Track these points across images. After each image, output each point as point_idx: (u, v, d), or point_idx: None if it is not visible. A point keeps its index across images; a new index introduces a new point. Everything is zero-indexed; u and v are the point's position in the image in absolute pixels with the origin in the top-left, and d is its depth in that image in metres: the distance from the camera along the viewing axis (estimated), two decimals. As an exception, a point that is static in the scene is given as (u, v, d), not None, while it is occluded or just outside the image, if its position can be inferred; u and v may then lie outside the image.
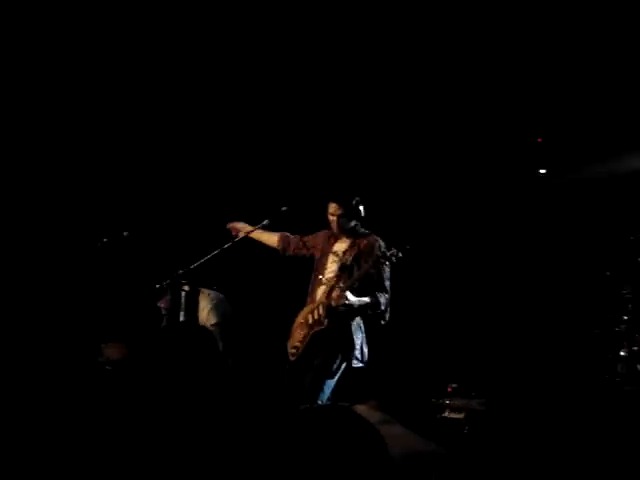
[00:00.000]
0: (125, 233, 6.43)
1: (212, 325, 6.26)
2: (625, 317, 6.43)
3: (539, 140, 8.25)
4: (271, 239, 6.27)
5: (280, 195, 6.54)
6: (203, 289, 6.52)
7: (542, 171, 8.44)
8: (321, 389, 5.60)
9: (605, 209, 7.73)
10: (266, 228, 6.20)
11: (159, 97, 7.63)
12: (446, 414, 6.89)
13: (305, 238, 6.20)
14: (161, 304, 6.42)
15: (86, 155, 7.69)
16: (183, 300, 6.24)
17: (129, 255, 6.81)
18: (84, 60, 7.25)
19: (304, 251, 6.18)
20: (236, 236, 6.22)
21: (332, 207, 5.87)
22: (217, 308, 6.49)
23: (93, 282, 7.21)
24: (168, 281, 6.13)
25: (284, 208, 6.10)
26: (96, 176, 7.73)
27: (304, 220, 6.39)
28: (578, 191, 7.98)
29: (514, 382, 7.41)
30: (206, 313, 6.44)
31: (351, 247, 5.86)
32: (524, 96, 7.69)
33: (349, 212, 5.84)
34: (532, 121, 7.97)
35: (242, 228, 6.26)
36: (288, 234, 6.26)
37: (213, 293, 6.58)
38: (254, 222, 6.21)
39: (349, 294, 5.61)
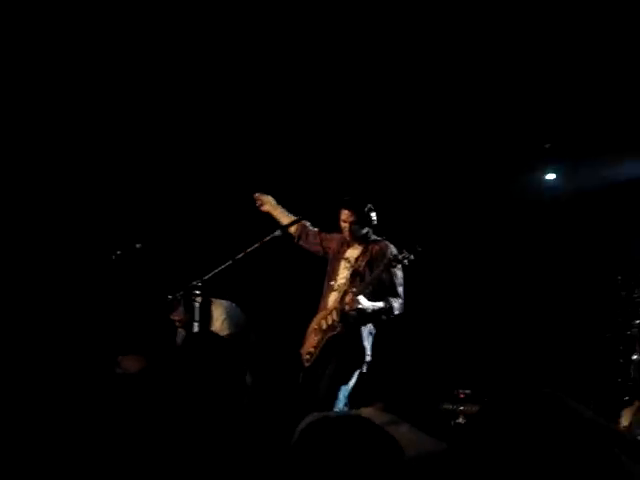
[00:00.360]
0: (138, 245, 6.48)
1: (226, 335, 6.30)
2: (637, 321, 6.43)
3: (547, 146, 8.30)
4: (289, 222, 6.23)
5: (294, 202, 6.58)
6: (216, 299, 6.56)
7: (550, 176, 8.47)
8: (336, 396, 5.62)
9: (617, 212, 7.75)
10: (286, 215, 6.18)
11: (171, 108, 7.67)
12: (460, 420, 6.91)
13: (323, 235, 6.22)
14: (175, 316, 6.46)
15: (99, 166, 7.75)
16: (197, 311, 6.28)
17: (142, 267, 6.86)
18: (101, 64, 7.28)
19: (318, 248, 6.19)
20: (260, 206, 6.22)
21: (344, 214, 5.92)
22: (231, 318, 6.53)
23: (108, 294, 7.26)
24: (181, 292, 6.17)
25: (298, 218, 6.15)
26: (109, 188, 7.78)
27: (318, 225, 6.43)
28: (590, 194, 8.00)
29: (526, 386, 7.42)
30: (220, 323, 6.48)
31: (363, 254, 5.90)
32: (534, 99, 7.72)
33: (361, 219, 5.88)
34: (541, 124, 8.00)
35: (266, 202, 6.26)
36: (308, 224, 6.27)
37: (226, 303, 6.62)
38: (267, 233, 6.22)
39: (362, 298, 5.63)
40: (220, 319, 6.50)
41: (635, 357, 6.29)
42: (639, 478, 2.14)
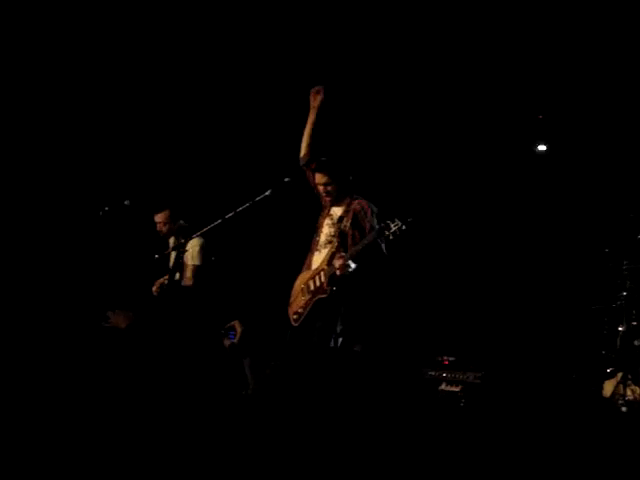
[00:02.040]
0: (126, 202, 6.43)
1: (193, 265, 6.38)
2: (624, 293, 6.45)
3: (540, 117, 8.28)
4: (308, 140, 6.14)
5: (283, 166, 6.54)
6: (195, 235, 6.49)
7: (542, 148, 8.46)
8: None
9: (605, 186, 7.76)
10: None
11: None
12: (443, 387, 6.94)
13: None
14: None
15: (87, 125, 7.69)
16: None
17: (130, 224, 6.82)
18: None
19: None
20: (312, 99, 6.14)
21: (318, 177, 5.90)
22: (203, 250, 6.53)
23: (96, 250, 7.22)
24: (170, 250, 6.14)
25: (287, 179, 6.11)
26: (96, 146, 7.73)
27: (307, 192, 6.40)
28: (578, 168, 8.01)
29: (512, 356, 7.47)
30: (191, 253, 6.45)
31: (346, 212, 5.87)
32: (523, 74, 7.71)
33: (335, 179, 5.86)
34: (532, 98, 7.99)
35: (315, 106, 6.17)
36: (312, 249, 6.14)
37: (201, 239, 6.57)
38: (256, 193, 6.17)
39: (351, 263, 5.61)
40: (194, 250, 6.48)
41: (621, 328, 6.32)
42: None
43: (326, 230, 5.89)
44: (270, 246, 7.74)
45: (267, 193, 6.13)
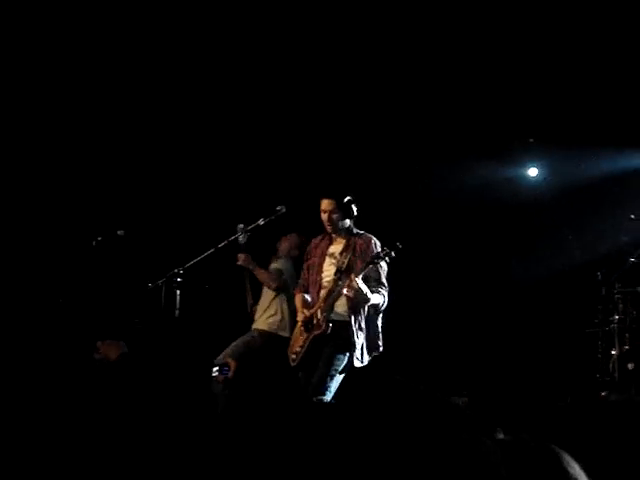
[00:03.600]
0: (120, 232, 6.44)
1: None
2: (616, 317, 6.46)
3: (531, 140, 8.34)
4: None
5: (276, 195, 6.56)
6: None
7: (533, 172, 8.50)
8: (322, 392, 5.59)
9: (598, 210, 7.79)
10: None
11: (152, 98, 7.64)
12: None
13: (306, 263, 6.15)
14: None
15: (81, 153, 7.70)
16: (178, 299, 6.24)
17: (124, 254, 6.82)
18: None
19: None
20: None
21: (324, 203, 5.82)
22: None
23: (88, 280, 7.21)
24: (163, 280, 6.14)
25: (279, 207, 6.12)
26: (92, 175, 7.74)
27: (300, 220, 6.42)
28: (571, 192, 8.04)
29: (505, 379, 7.47)
30: None
31: (346, 248, 5.84)
32: (518, 94, 7.77)
33: (341, 208, 5.82)
34: (524, 122, 8.04)
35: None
36: (302, 284, 6.11)
37: None
38: (250, 221, 6.18)
39: (360, 281, 5.59)
40: None
41: (614, 352, 6.33)
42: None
43: (329, 270, 5.88)
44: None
45: (260, 222, 6.14)
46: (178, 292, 6.31)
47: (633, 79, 7.36)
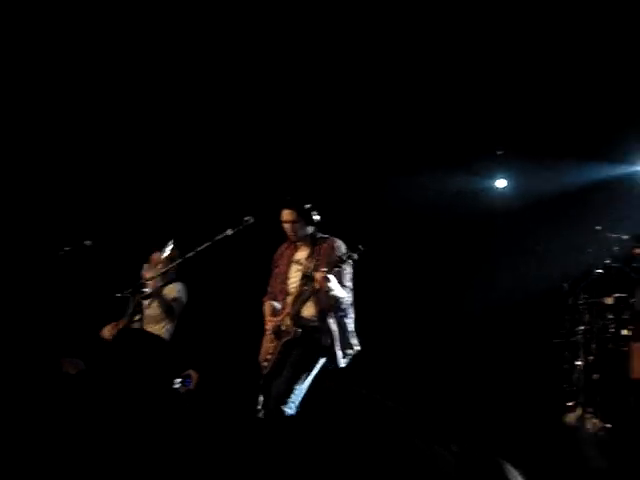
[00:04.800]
0: (87, 242, 6.40)
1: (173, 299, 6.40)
2: (581, 327, 6.52)
3: (499, 152, 8.41)
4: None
5: (243, 205, 6.55)
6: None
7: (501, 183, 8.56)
8: (285, 402, 5.60)
9: (565, 221, 7.85)
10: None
11: (117, 110, 7.63)
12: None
13: (273, 272, 6.17)
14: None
15: (49, 163, 7.65)
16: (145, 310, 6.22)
17: (91, 264, 6.78)
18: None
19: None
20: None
21: (284, 214, 5.88)
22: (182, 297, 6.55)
23: (54, 291, 7.15)
24: (130, 290, 6.11)
25: (247, 218, 6.12)
26: (59, 184, 7.69)
27: (268, 230, 6.41)
28: (538, 203, 8.11)
29: (476, 391, 7.51)
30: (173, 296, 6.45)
31: (312, 254, 5.88)
32: (486, 106, 7.83)
33: (302, 217, 5.87)
34: (492, 133, 8.10)
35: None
36: (269, 293, 6.11)
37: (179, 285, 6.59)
38: (215, 232, 6.16)
39: (332, 277, 5.61)
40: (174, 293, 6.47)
41: (579, 363, 6.37)
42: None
43: (295, 276, 5.90)
44: (231, 287, 7.72)
45: (228, 232, 6.13)
46: (145, 302, 6.31)
47: (599, 92, 7.45)
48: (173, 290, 6.54)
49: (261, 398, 5.68)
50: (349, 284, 5.81)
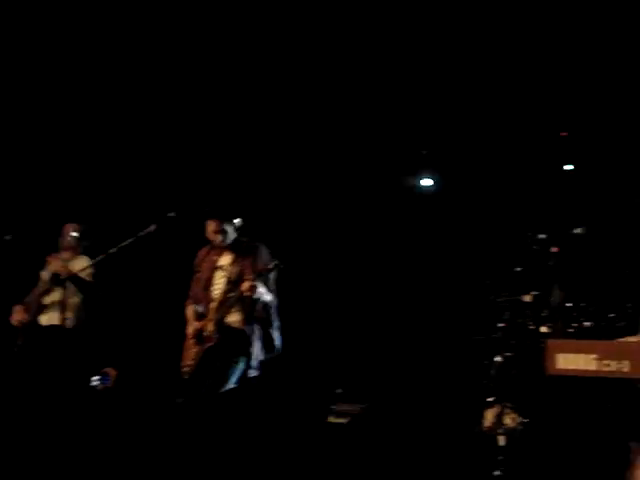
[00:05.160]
0: (7, 237, 6.29)
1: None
2: (501, 324, 6.62)
3: (424, 152, 8.49)
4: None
5: (167, 200, 6.51)
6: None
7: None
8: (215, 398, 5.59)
9: (489, 221, 7.98)
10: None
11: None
12: (331, 419, 7.00)
13: (195, 276, 6.11)
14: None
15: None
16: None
17: (11, 259, 6.66)
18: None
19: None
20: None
21: (210, 225, 5.91)
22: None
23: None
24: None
25: (171, 214, 6.08)
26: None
27: (192, 226, 6.37)
28: (459, 200, 8.22)
29: (396, 387, 7.58)
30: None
31: (236, 259, 5.88)
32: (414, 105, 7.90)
33: (226, 225, 5.89)
34: (416, 131, 8.19)
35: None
36: (192, 297, 6.11)
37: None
38: (139, 228, 6.10)
39: (260, 284, 5.61)
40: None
41: (497, 359, 6.48)
42: None
43: (219, 282, 5.88)
44: (153, 284, 7.65)
45: (151, 228, 6.09)
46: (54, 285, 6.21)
47: (524, 91, 7.59)
48: (81, 265, 6.35)
49: (179, 401, 5.66)
50: (273, 288, 5.84)
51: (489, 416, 6.57)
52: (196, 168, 7.87)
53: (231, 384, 5.64)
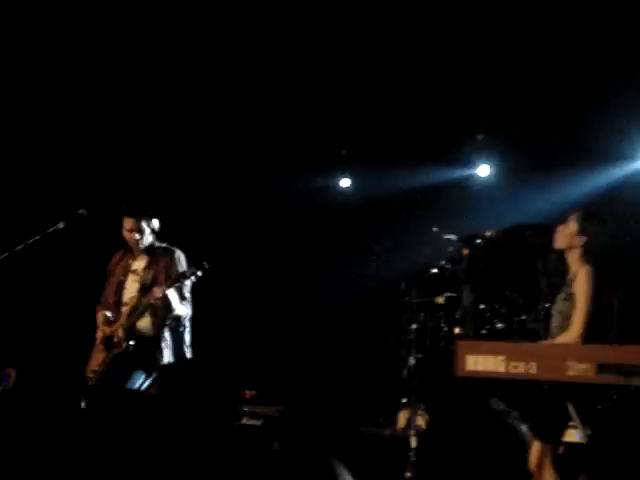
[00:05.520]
0: None
1: None
2: (414, 326, 6.67)
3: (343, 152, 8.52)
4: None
5: (77, 198, 6.37)
6: None
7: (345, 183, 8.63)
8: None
9: (405, 222, 8.03)
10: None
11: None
12: (244, 421, 6.93)
13: (108, 280, 5.99)
14: None
15: None
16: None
17: None
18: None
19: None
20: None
21: (127, 222, 5.78)
22: None
23: None
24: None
25: (82, 211, 5.95)
26: None
27: (103, 224, 6.26)
28: (380, 204, 8.26)
29: (312, 388, 7.57)
30: None
31: (150, 264, 5.78)
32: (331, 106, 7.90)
33: (143, 225, 5.77)
34: (336, 133, 8.20)
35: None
36: (103, 302, 5.97)
37: None
38: (49, 225, 5.95)
39: (171, 292, 5.51)
40: None
41: (411, 361, 6.52)
42: None
43: (132, 287, 5.77)
44: (62, 283, 7.48)
45: (60, 225, 5.94)
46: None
47: (438, 97, 7.66)
48: None
49: (84, 404, 5.55)
50: (188, 296, 5.76)
51: (403, 417, 6.62)
52: (114, 166, 7.72)
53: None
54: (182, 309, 5.66)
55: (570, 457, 4.73)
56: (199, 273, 5.55)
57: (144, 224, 5.78)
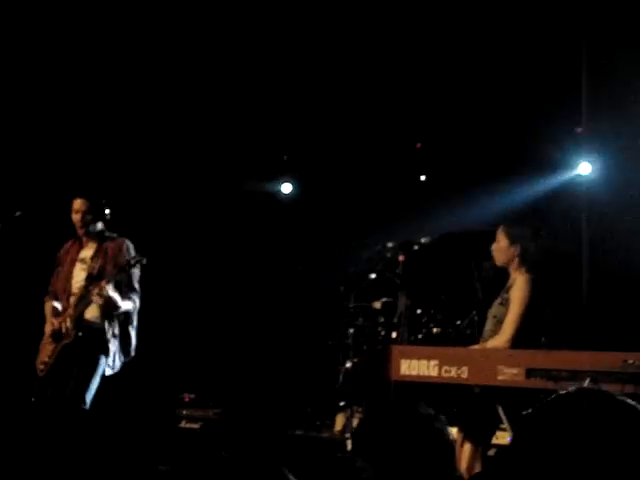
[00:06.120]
0: None
1: None
2: (351, 330, 6.73)
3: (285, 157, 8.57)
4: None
5: (14, 199, 6.31)
6: None
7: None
8: (83, 399, 5.47)
9: (346, 227, 8.10)
10: None
11: None
12: (182, 424, 6.94)
13: (56, 269, 5.92)
14: None
15: None
16: None
17: None
18: None
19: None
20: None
21: (77, 203, 5.68)
22: None
23: None
24: None
25: (18, 213, 5.91)
26: None
27: (41, 226, 6.22)
28: (322, 209, 8.32)
29: (251, 391, 7.60)
30: None
31: (97, 253, 5.74)
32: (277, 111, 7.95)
33: (94, 209, 5.71)
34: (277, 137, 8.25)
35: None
36: (51, 292, 5.89)
37: None
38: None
39: (110, 288, 5.48)
40: None
41: (348, 365, 6.58)
42: None
43: (80, 275, 5.73)
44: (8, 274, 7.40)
45: (17, 214, 5.89)
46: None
47: (387, 103, 7.76)
48: None
49: (33, 400, 5.51)
50: (137, 286, 5.73)
51: (340, 420, 6.69)
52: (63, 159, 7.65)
53: (95, 383, 5.55)
54: (127, 304, 5.63)
55: (500, 459, 4.84)
56: (144, 261, 5.54)
57: (94, 207, 5.71)
